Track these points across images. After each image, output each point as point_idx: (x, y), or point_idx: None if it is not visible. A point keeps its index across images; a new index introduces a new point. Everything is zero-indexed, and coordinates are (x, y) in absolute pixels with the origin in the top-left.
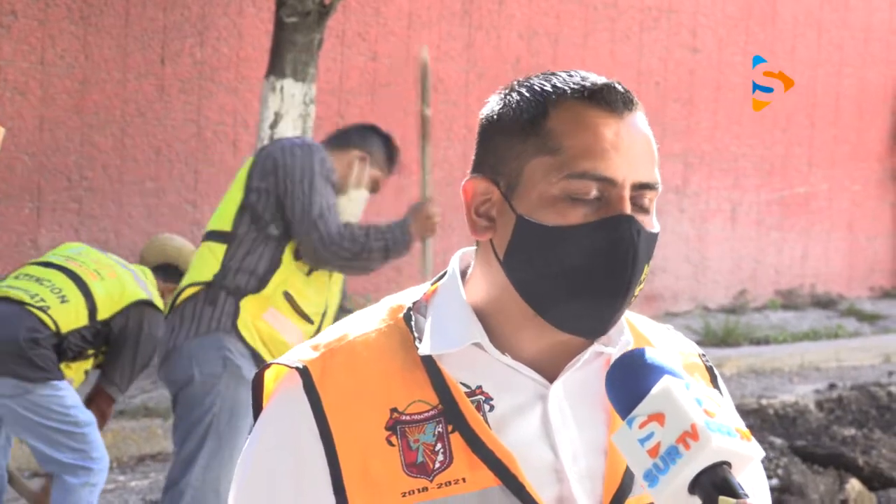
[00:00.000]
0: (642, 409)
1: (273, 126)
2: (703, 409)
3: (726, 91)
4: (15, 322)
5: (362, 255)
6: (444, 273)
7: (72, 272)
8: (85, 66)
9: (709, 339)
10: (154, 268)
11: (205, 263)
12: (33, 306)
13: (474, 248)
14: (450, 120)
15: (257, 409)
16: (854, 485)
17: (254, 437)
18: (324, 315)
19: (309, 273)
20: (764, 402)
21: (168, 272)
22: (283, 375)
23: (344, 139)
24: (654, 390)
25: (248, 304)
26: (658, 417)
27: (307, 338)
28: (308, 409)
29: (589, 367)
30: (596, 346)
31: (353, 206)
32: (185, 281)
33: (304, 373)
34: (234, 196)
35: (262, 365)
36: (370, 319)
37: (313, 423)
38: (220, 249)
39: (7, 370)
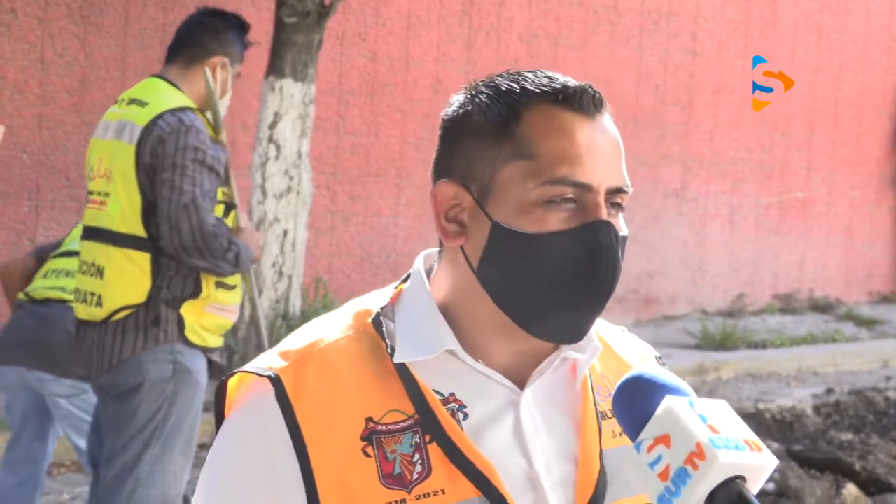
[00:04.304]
0: (648, 433)
1: (272, 126)
2: (709, 426)
3: (726, 95)
4: (65, 324)
5: (226, 255)
6: (409, 275)
7: None
8: (84, 65)
9: (706, 343)
10: None
11: (132, 279)
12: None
13: (438, 249)
14: None
15: (220, 417)
16: (851, 490)
17: (221, 449)
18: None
19: None
20: (761, 406)
21: None
22: (250, 383)
23: (198, 48)
24: (657, 412)
25: (188, 311)
26: (664, 439)
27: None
28: (280, 419)
29: (557, 373)
30: (564, 352)
31: (223, 110)
32: (114, 300)
33: (276, 382)
34: (128, 193)
35: (212, 354)
36: (338, 325)
37: (286, 435)
38: (142, 259)
39: (64, 371)
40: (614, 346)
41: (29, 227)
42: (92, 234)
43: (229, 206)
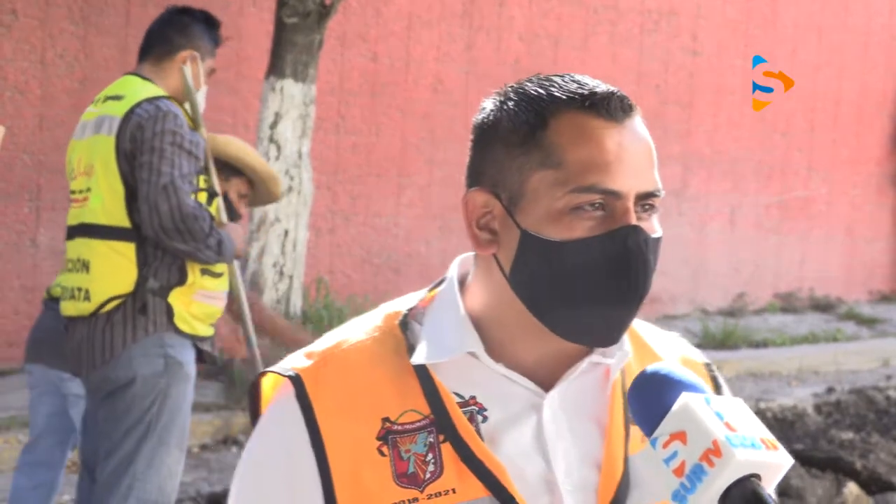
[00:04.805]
0: (664, 429)
1: (273, 126)
2: (725, 423)
3: (726, 94)
4: None
5: (207, 240)
6: (443, 279)
7: None
8: (85, 66)
9: (707, 342)
10: None
11: (119, 270)
12: None
13: (473, 253)
14: (450, 121)
15: (255, 415)
16: (852, 489)
17: (250, 446)
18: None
19: None
20: (762, 405)
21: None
22: (279, 384)
23: (167, 44)
24: (674, 408)
25: (176, 299)
26: (680, 436)
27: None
28: (300, 417)
29: (585, 378)
30: (593, 357)
31: (200, 106)
32: (102, 292)
33: (296, 381)
34: (109, 184)
35: (202, 343)
36: (366, 326)
37: (305, 432)
38: (127, 249)
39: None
40: (656, 349)
41: (30, 227)
42: (76, 231)
43: (212, 195)
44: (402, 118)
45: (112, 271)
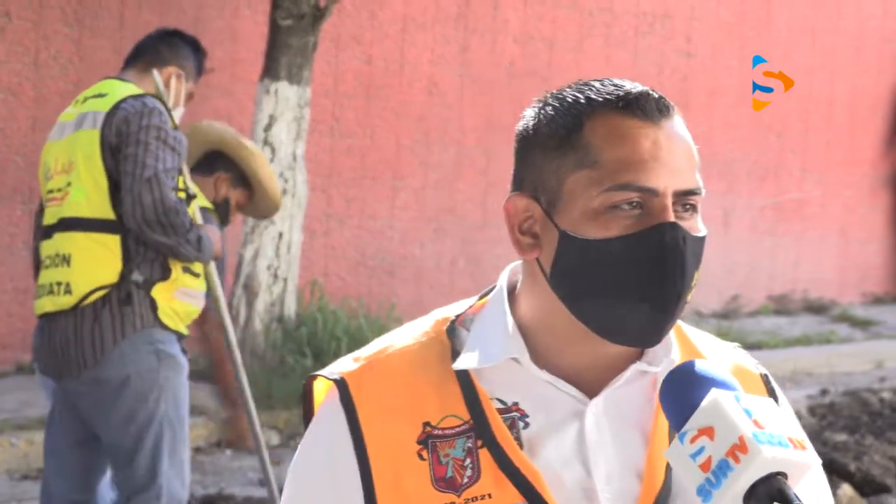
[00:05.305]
0: (692, 424)
1: (267, 129)
2: (753, 420)
3: (720, 96)
4: None
5: (188, 235)
6: (494, 286)
7: None
8: (79, 68)
9: None
10: (199, 160)
11: (102, 261)
12: None
13: (522, 261)
14: (444, 123)
15: (307, 418)
16: (846, 491)
17: (300, 447)
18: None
19: None
20: None
21: (213, 161)
22: (328, 388)
23: (155, 56)
24: (703, 403)
25: (159, 293)
26: (708, 431)
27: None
28: (344, 421)
29: (631, 387)
30: (639, 365)
31: (177, 118)
32: (84, 284)
33: (341, 385)
34: (93, 177)
35: (184, 341)
36: (414, 331)
37: (348, 435)
38: (111, 241)
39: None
40: (708, 356)
41: (22, 229)
42: (54, 229)
43: (189, 197)
44: (397, 121)
45: (95, 263)
